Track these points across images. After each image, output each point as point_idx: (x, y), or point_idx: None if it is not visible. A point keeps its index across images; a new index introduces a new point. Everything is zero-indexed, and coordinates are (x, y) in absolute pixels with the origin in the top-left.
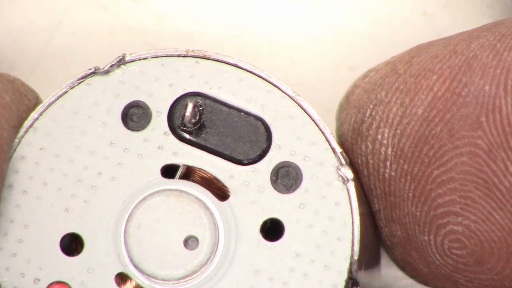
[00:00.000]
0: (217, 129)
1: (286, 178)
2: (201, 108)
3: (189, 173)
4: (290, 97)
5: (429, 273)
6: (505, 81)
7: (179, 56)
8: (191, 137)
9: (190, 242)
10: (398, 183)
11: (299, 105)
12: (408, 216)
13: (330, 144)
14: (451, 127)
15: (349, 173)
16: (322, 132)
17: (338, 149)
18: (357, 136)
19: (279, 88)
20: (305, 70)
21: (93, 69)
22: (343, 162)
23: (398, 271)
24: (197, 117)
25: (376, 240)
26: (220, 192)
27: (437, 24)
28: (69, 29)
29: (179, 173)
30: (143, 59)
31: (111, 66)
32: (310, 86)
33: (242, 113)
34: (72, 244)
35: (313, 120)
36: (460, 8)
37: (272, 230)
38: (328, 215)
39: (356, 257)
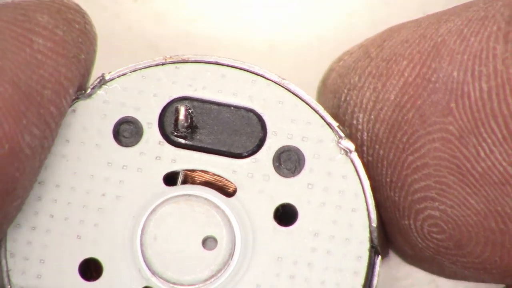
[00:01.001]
0: (210, 128)
1: (289, 162)
2: (190, 111)
3: (187, 178)
4: (276, 83)
5: (414, 255)
6: (472, 67)
7: (157, 65)
8: (186, 141)
9: (208, 242)
10: (376, 168)
11: (286, 89)
12: (388, 201)
13: (325, 120)
14: (422, 113)
15: (350, 145)
16: (315, 110)
17: (335, 123)
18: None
19: (263, 76)
20: (305, 70)
21: (75, 95)
22: (342, 135)
23: (398, 272)
24: (189, 121)
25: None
26: (222, 191)
27: None
28: None
29: (180, 178)
30: (123, 75)
31: (92, 88)
32: (310, 86)
33: (232, 108)
34: (87, 270)
35: (304, 101)
36: None
37: (285, 215)
38: (337, 189)
39: (374, 224)
